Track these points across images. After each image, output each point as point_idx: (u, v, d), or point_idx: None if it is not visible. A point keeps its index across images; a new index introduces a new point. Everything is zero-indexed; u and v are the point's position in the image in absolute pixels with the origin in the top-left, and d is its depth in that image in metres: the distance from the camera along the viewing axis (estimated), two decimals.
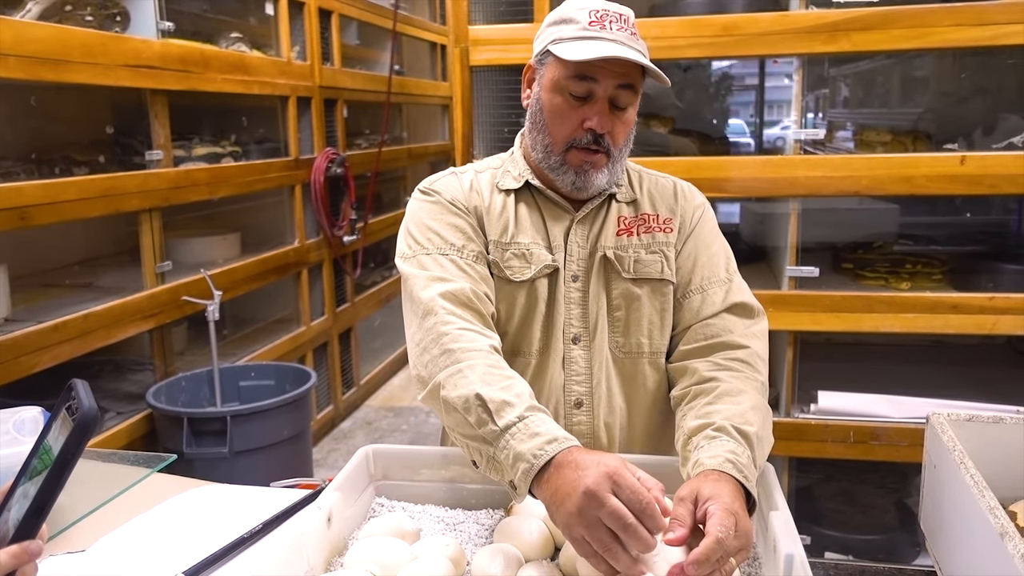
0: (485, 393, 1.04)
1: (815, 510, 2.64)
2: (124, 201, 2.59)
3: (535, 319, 1.30)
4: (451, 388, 1.08)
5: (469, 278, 1.24)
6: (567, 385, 1.31)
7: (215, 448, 2.60)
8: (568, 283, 1.32)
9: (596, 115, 1.24)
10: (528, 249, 1.30)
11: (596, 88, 1.24)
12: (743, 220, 3.34)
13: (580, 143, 1.26)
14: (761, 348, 1.28)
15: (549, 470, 0.96)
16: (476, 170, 1.39)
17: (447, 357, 1.12)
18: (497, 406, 1.03)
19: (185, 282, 2.86)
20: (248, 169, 3.30)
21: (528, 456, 0.97)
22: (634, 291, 1.31)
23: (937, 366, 2.76)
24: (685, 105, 3.52)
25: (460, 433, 1.08)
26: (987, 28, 2.16)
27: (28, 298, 2.58)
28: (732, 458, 1.04)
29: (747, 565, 1.05)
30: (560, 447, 0.97)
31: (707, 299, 1.31)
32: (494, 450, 1.02)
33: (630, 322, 1.32)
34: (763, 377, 1.24)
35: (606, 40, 1.22)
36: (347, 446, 3.95)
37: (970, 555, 0.99)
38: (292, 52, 3.63)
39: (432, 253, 1.26)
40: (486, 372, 1.08)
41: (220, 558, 1.17)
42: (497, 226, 1.32)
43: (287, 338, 3.61)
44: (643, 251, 1.33)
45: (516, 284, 1.30)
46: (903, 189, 2.29)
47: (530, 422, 1.01)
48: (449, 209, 1.31)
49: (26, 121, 2.77)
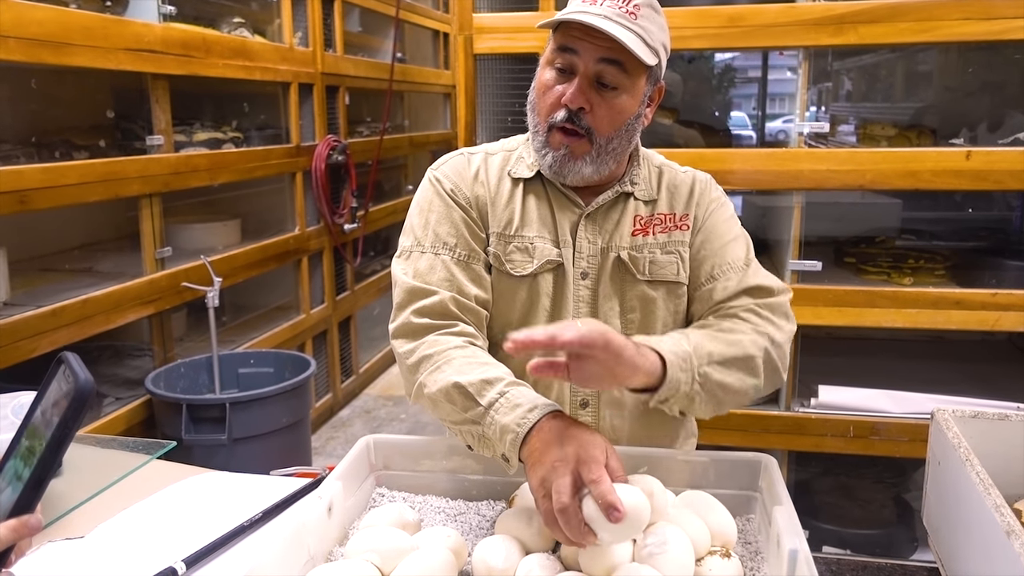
0: (463, 380, 1.09)
1: (813, 504, 2.64)
2: (124, 186, 2.57)
3: (538, 314, 1.28)
4: (432, 384, 1.13)
5: (453, 283, 1.24)
6: (573, 386, 1.28)
7: (214, 435, 2.60)
8: (577, 280, 1.29)
9: (570, 88, 1.19)
10: (532, 243, 1.27)
11: (577, 61, 1.19)
12: (745, 213, 3.33)
13: (557, 121, 1.21)
14: (779, 301, 1.28)
15: (532, 436, 1.00)
16: (488, 152, 1.35)
17: (426, 362, 1.16)
18: (477, 388, 1.08)
19: (185, 268, 2.85)
20: (249, 155, 3.29)
21: (512, 427, 1.02)
22: (650, 294, 1.29)
23: (938, 362, 2.75)
24: (688, 97, 3.50)
25: (450, 422, 1.13)
26: (995, 22, 2.15)
27: (27, 282, 2.57)
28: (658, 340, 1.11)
29: (749, 560, 1.04)
30: (541, 413, 1.02)
31: (718, 287, 1.28)
32: (482, 428, 1.06)
33: (645, 324, 1.29)
34: (762, 325, 1.22)
35: (590, 13, 1.16)
36: (346, 434, 3.95)
37: (974, 552, 0.99)
38: (294, 38, 3.61)
39: (426, 251, 1.26)
40: (461, 364, 1.13)
41: (220, 546, 1.17)
42: (502, 217, 1.29)
43: (286, 325, 3.60)
44: (659, 251, 1.29)
45: (517, 278, 1.27)
46: (908, 183, 2.28)
47: (511, 396, 1.06)
48: (447, 201, 1.29)
49: (26, 104, 2.76)
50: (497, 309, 1.28)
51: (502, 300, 1.28)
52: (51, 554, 1.17)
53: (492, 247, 1.28)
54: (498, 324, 1.28)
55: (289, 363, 3.05)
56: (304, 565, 1.00)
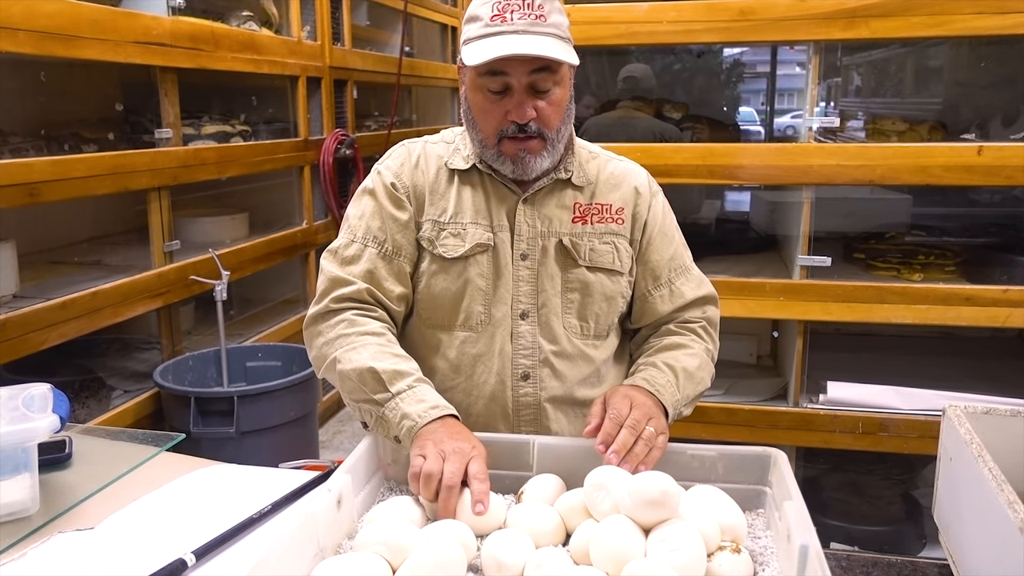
0: (377, 366, 1.22)
1: (821, 500, 2.63)
2: (133, 179, 2.58)
3: (473, 294, 1.35)
4: (346, 363, 1.25)
5: (374, 276, 1.34)
6: (515, 358, 1.36)
7: (222, 428, 2.60)
8: (517, 262, 1.36)
9: (515, 107, 1.27)
10: (465, 228, 1.35)
11: (510, 80, 1.25)
12: (753, 208, 3.32)
13: (508, 133, 1.29)
14: (713, 315, 1.45)
15: (428, 426, 1.16)
16: (429, 141, 1.44)
17: (343, 340, 1.28)
18: (389, 376, 1.22)
19: (193, 261, 2.86)
20: (257, 149, 3.29)
21: (414, 416, 1.17)
22: (589, 277, 1.37)
23: (947, 358, 2.74)
24: (696, 92, 3.49)
25: (352, 399, 1.26)
26: (1008, 16, 2.13)
27: (36, 275, 2.58)
28: (647, 377, 1.28)
29: (759, 555, 1.04)
30: (442, 412, 1.18)
31: (675, 292, 1.42)
32: (384, 410, 1.20)
33: (584, 304, 1.38)
34: (708, 344, 1.41)
35: (506, 34, 1.23)
36: (352, 428, 3.95)
37: (987, 549, 0.98)
38: (303, 32, 3.61)
39: (356, 241, 1.36)
40: (376, 350, 1.25)
41: (229, 538, 1.17)
42: (438, 206, 1.37)
43: (294, 319, 3.60)
44: (596, 240, 1.38)
45: (449, 261, 1.34)
46: (919, 179, 2.27)
47: (418, 391, 1.21)
48: (382, 198, 1.37)
49: (35, 97, 2.76)
50: (431, 290, 1.36)
51: (435, 281, 1.36)
52: (61, 545, 1.17)
53: (426, 233, 1.36)
54: (432, 302, 1.37)
55: (297, 357, 3.05)
56: (313, 558, 1.00)
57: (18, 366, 2.15)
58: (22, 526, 1.21)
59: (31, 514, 1.23)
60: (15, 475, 1.22)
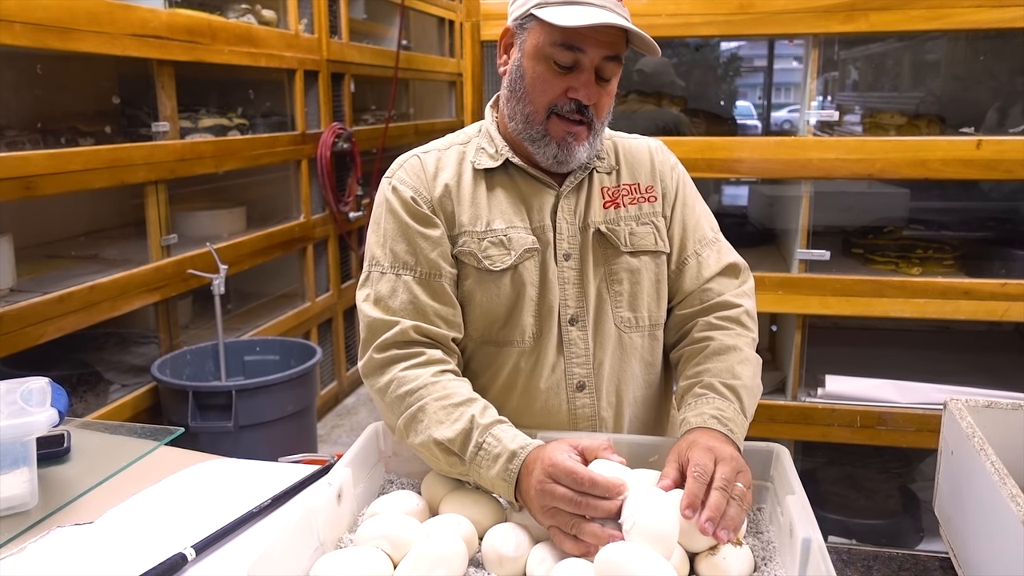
0: (439, 436, 1.12)
1: (819, 494, 2.63)
2: (130, 172, 2.57)
3: (525, 305, 1.25)
4: (413, 436, 1.15)
5: (416, 306, 1.21)
6: (567, 368, 1.27)
7: (220, 422, 2.60)
8: (561, 263, 1.26)
9: (583, 86, 1.18)
10: (506, 235, 1.24)
11: (583, 58, 1.17)
12: (751, 202, 3.32)
13: (562, 110, 1.20)
14: (751, 306, 1.33)
15: (519, 482, 1.06)
16: (440, 148, 1.32)
17: (399, 402, 1.17)
18: (458, 445, 1.11)
19: (191, 255, 2.85)
20: (254, 143, 3.28)
21: (499, 482, 1.07)
22: (634, 263, 1.29)
23: (945, 352, 2.75)
24: (694, 86, 3.49)
25: (438, 469, 1.16)
26: (1007, 10, 2.13)
27: (33, 269, 2.57)
28: (717, 414, 1.14)
29: (761, 549, 1.04)
30: (520, 462, 1.06)
31: (702, 263, 1.33)
32: (472, 478, 1.11)
33: (635, 294, 1.29)
34: (754, 333, 1.30)
35: (593, 5, 1.15)
36: (351, 422, 3.95)
37: (989, 542, 0.98)
38: (300, 25, 3.59)
39: (386, 272, 1.23)
40: (436, 411, 1.14)
41: (230, 532, 1.16)
42: (469, 213, 1.25)
43: (292, 313, 3.60)
44: (635, 223, 1.30)
45: (498, 273, 1.24)
46: (917, 173, 2.27)
47: (488, 447, 1.09)
48: (402, 216, 1.24)
49: (32, 90, 2.74)
50: (480, 306, 1.25)
51: (485, 296, 1.25)
52: (60, 539, 1.17)
53: (465, 247, 1.24)
54: (484, 319, 1.26)
55: (295, 351, 3.05)
56: (314, 552, 1.00)
57: (16, 360, 2.15)
58: (21, 520, 1.20)
59: (30, 508, 1.22)
60: (14, 469, 1.21)
